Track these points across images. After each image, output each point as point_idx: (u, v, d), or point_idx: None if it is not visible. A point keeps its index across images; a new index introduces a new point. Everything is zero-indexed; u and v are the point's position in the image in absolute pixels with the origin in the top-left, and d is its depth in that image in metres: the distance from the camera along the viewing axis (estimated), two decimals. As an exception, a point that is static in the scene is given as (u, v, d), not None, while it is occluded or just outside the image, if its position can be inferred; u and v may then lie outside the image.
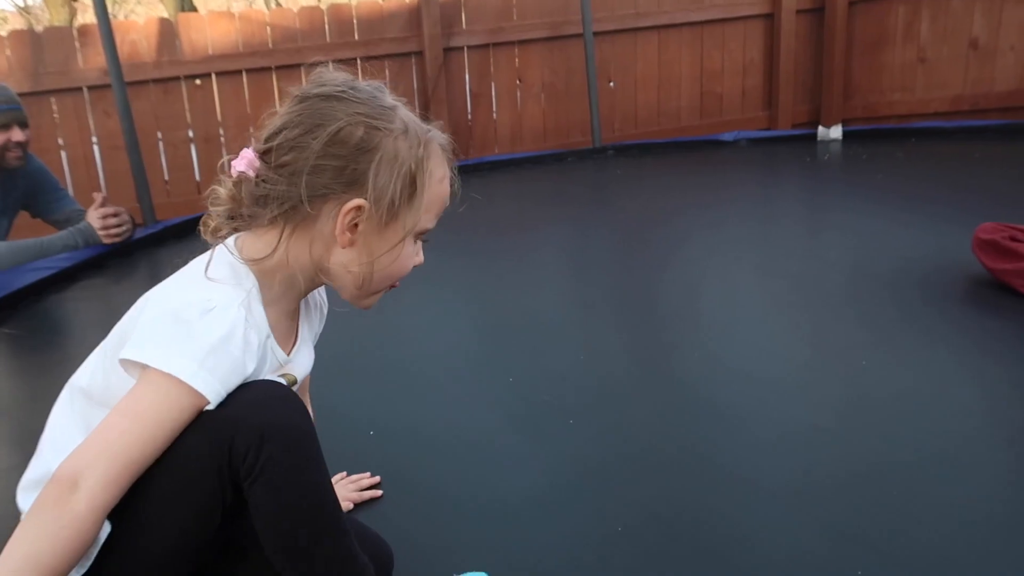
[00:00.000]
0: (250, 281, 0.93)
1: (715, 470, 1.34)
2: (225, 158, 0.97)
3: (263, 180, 0.91)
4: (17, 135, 2.70)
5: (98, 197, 2.98)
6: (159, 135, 4.42)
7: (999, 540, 1.12)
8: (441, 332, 2.06)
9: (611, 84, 5.33)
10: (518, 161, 4.55)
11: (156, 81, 4.32)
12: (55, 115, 4.18)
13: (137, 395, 0.84)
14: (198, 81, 4.45)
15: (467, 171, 4.45)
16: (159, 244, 3.15)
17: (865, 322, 1.92)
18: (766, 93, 5.76)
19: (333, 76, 0.95)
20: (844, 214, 2.99)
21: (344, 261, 0.94)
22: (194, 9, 11.25)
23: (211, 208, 0.97)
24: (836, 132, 4.56)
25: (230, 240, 0.97)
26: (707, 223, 2.99)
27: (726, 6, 5.48)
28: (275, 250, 0.93)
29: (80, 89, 4.20)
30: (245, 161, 0.93)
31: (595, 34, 4.90)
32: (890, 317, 1.94)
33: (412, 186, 0.93)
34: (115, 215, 2.96)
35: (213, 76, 4.48)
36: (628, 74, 5.38)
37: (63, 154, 4.21)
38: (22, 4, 12.11)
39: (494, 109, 5.16)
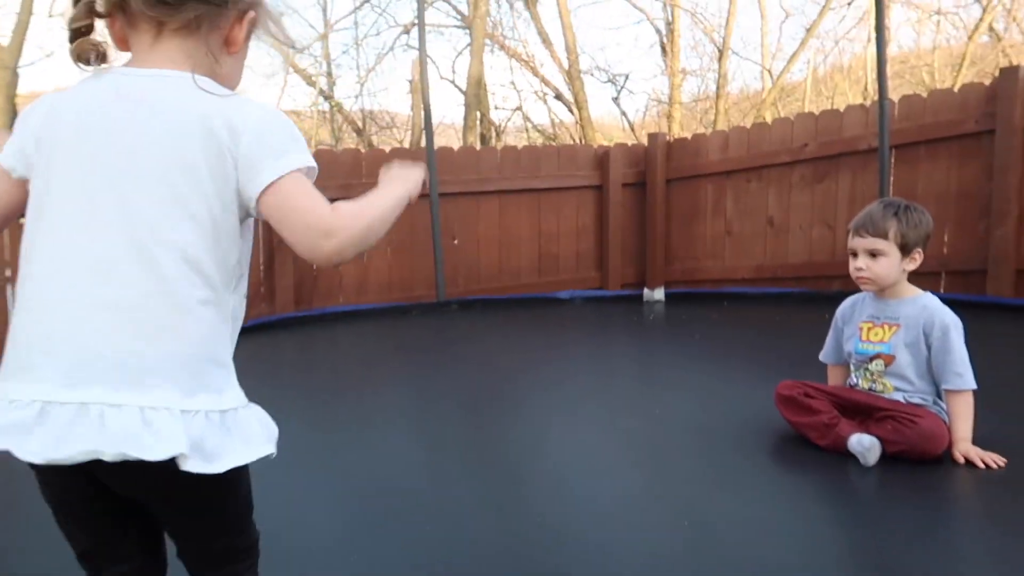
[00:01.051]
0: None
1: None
2: None
3: None
4: None
5: None
6: (9, 290, 4.12)
7: None
8: (275, 498, 1.99)
9: (455, 241, 5.60)
10: (363, 313, 4.60)
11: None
12: None
13: (306, 186, 0.98)
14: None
15: (311, 321, 4.46)
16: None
17: (688, 474, 2.08)
18: (598, 255, 6.25)
19: None
20: (669, 371, 3.25)
21: (228, 69, 1.06)
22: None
23: (74, 24, 0.97)
24: (659, 294, 5.00)
25: (123, 70, 0.99)
26: (548, 379, 3.14)
27: (560, 176, 6.02)
28: (205, 55, 1.01)
29: None
30: None
31: (440, 195, 5.20)
32: (710, 468, 2.11)
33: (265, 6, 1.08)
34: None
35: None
36: (471, 233, 5.69)
37: None
38: None
39: (340, 260, 5.24)
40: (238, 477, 0.98)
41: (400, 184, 1.11)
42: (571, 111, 12.51)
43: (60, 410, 0.89)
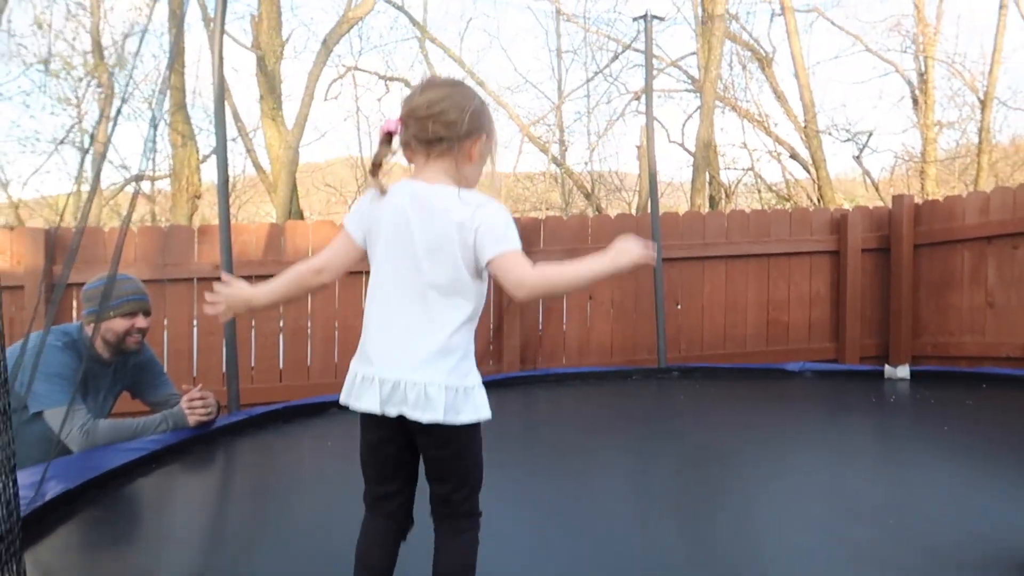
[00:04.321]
0: None
1: None
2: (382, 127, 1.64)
3: (430, 131, 1.57)
4: (140, 322, 2.99)
5: (194, 390, 3.15)
6: (252, 324, 4.78)
7: None
8: (490, 553, 2.08)
9: (678, 306, 5.54)
10: (584, 375, 4.68)
11: (259, 277, 4.73)
12: (165, 301, 4.59)
13: (520, 257, 1.54)
14: (295, 279, 4.85)
15: (534, 381, 4.62)
16: (239, 434, 3.32)
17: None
18: (833, 325, 5.87)
19: (441, 76, 1.61)
20: (910, 467, 2.92)
21: (468, 173, 1.62)
22: (301, 216, 12.27)
23: (376, 158, 1.62)
24: (904, 371, 4.57)
25: (414, 182, 1.60)
26: (769, 461, 2.99)
27: (792, 241, 5.76)
28: (454, 166, 1.59)
29: (191, 280, 4.65)
30: (394, 123, 1.61)
31: (664, 260, 5.20)
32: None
33: (492, 132, 1.66)
34: (202, 399, 3.16)
35: (309, 276, 4.88)
36: (695, 298, 5.60)
37: (165, 334, 4.58)
38: (149, 192, 13.61)
39: (564, 323, 5.40)
40: (473, 434, 1.58)
41: (609, 258, 1.53)
42: (807, 171, 11.97)
43: (386, 384, 1.53)
